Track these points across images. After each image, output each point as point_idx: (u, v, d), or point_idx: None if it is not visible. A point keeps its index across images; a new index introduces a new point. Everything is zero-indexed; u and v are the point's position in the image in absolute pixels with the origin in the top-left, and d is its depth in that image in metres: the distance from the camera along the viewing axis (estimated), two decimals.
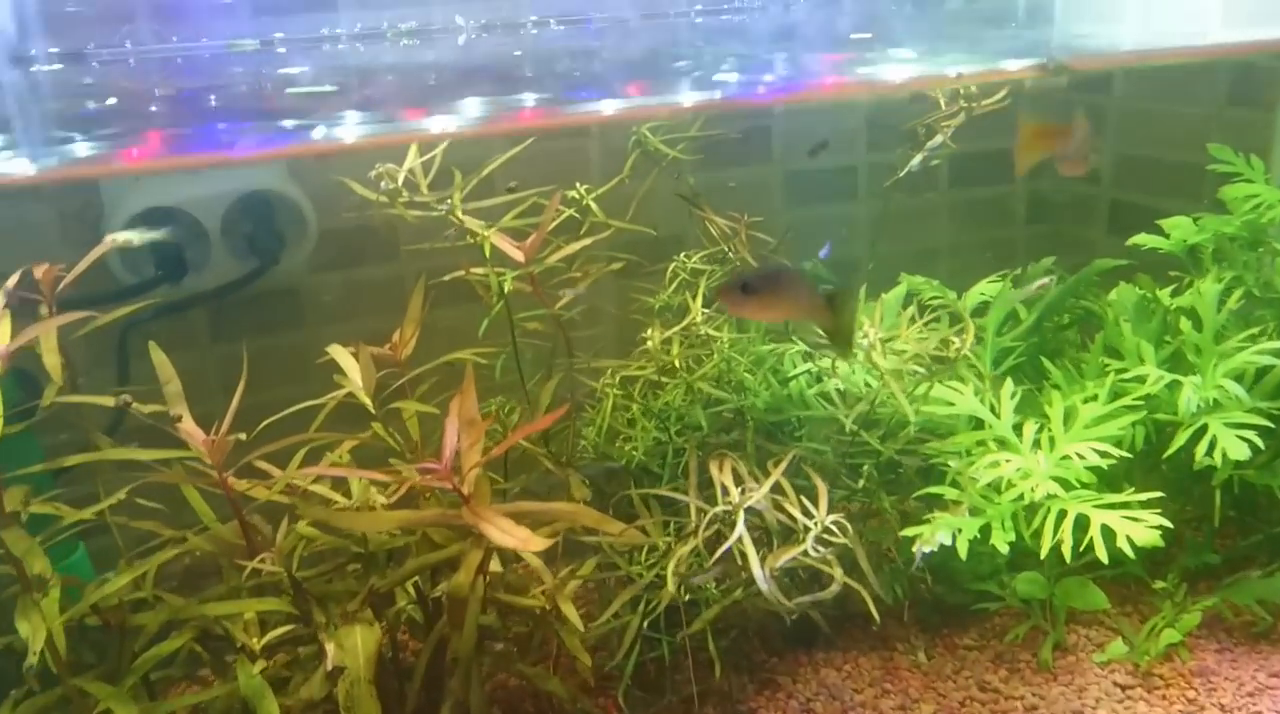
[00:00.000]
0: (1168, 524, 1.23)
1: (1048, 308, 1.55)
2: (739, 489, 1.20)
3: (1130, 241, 1.70)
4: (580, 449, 1.48)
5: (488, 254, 1.40)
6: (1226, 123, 2.03)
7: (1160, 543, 1.21)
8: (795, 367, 1.45)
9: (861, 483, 1.36)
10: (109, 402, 1.24)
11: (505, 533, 1.13)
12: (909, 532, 1.29)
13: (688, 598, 1.30)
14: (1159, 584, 1.52)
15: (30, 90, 1.53)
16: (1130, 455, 1.34)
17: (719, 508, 1.20)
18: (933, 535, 1.28)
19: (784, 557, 1.19)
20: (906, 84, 1.40)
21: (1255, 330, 1.43)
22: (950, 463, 1.36)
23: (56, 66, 1.59)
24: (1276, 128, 1.87)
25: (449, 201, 1.37)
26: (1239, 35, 1.70)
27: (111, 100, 1.48)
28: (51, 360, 1.24)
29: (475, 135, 1.60)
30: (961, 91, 1.52)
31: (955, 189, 2.30)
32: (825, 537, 1.22)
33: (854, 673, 1.47)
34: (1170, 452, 1.38)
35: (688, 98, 1.58)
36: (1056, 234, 2.47)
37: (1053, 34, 1.77)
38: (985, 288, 1.67)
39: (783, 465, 1.24)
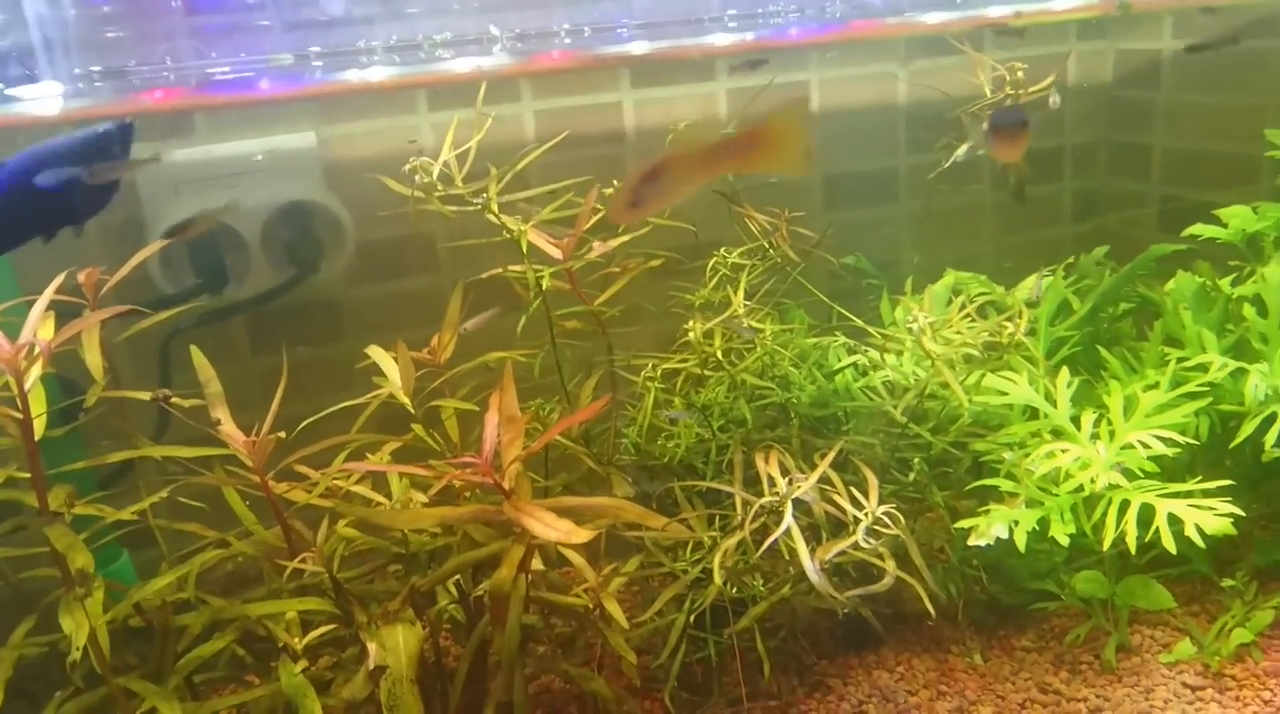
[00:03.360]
0: (1239, 512, 1.17)
1: (1102, 297, 1.50)
2: (785, 480, 1.17)
3: (1186, 232, 1.65)
4: (622, 447, 1.45)
5: (525, 251, 1.39)
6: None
7: (1232, 531, 1.15)
8: (840, 359, 1.42)
9: (912, 476, 1.32)
10: (146, 396, 1.25)
11: (548, 526, 1.11)
12: (964, 524, 1.24)
13: (735, 593, 1.27)
14: (1228, 582, 1.46)
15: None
16: (1195, 444, 1.29)
17: (765, 500, 1.17)
18: (988, 529, 1.24)
19: (834, 548, 1.15)
20: (953, 24, 1.39)
21: None
22: (1004, 455, 1.31)
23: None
24: None
25: (484, 196, 1.36)
26: None
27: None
28: (93, 360, 1.24)
29: (507, 73, 1.63)
30: (1008, 78, 1.48)
31: (999, 189, 2.26)
32: (876, 529, 1.18)
33: (907, 674, 1.42)
34: (1238, 441, 1.32)
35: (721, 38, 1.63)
36: (1105, 231, 2.41)
37: None
38: (1035, 282, 1.63)
39: (830, 456, 1.20)
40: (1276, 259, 1.46)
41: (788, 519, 1.14)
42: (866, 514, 1.16)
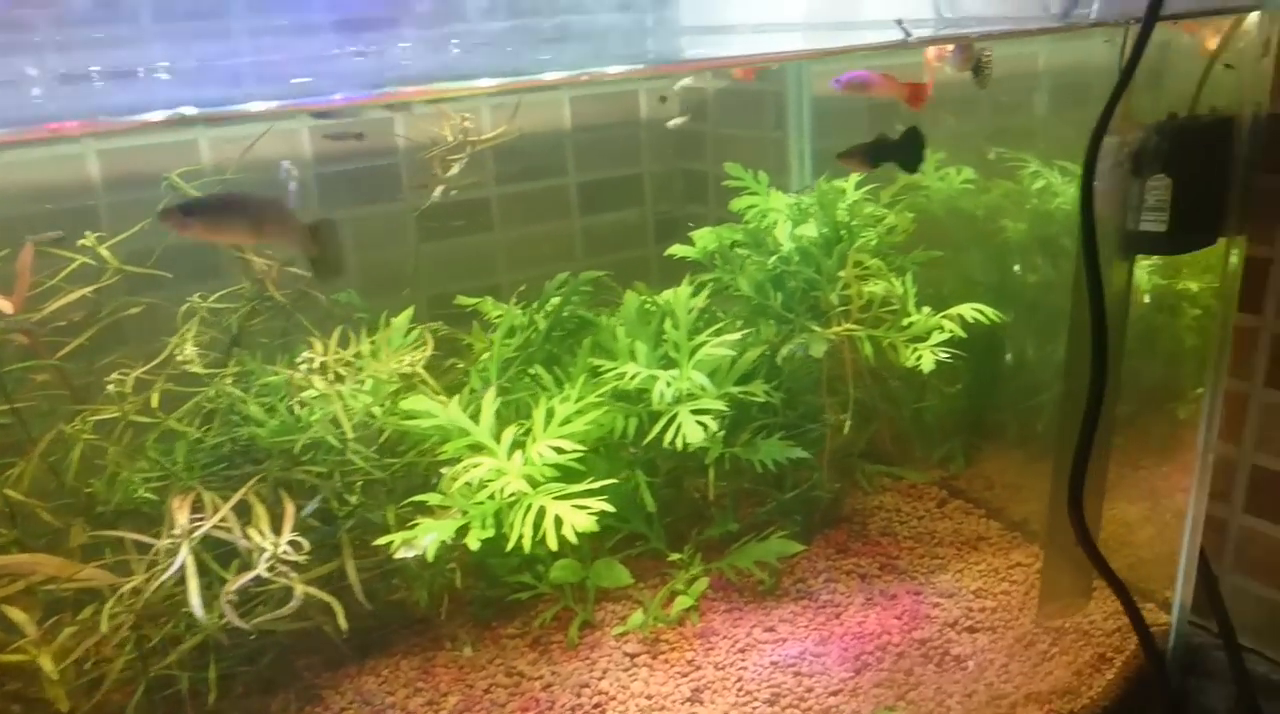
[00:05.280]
0: (609, 508, 1.37)
1: (555, 318, 1.69)
2: (190, 520, 1.25)
3: (667, 252, 1.89)
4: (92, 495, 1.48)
5: None
6: (776, 143, 2.28)
7: (595, 527, 1.34)
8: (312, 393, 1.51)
9: (354, 499, 1.45)
10: None
11: None
12: (383, 541, 1.37)
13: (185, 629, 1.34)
14: (674, 556, 1.69)
15: None
16: (584, 448, 1.47)
17: (165, 541, 1.24)
18: (416, 539, 1.37)
19: (239, 581, 1.25)
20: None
21: (722, 324, 1.62)
22: (442, 471, 1.46)
23: None
24: (789, 147, 2.14)
25: None
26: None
27: None
28: None
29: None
30: (462, 123, 1.64)
31: (587, 216, 2.43)
32: (291, 557, 1.28)
33: (391, 676, 1.55)
34: (649, 439, 1.54)
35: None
36: None
37: None
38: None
39: (242, 492, 1.30)
40: (686, 278, 1.71)
41: (181, 555, 1.23)
42: (272, 544, 1.27)
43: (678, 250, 1.87)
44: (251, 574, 1.25)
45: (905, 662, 1.56)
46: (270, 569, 1.25)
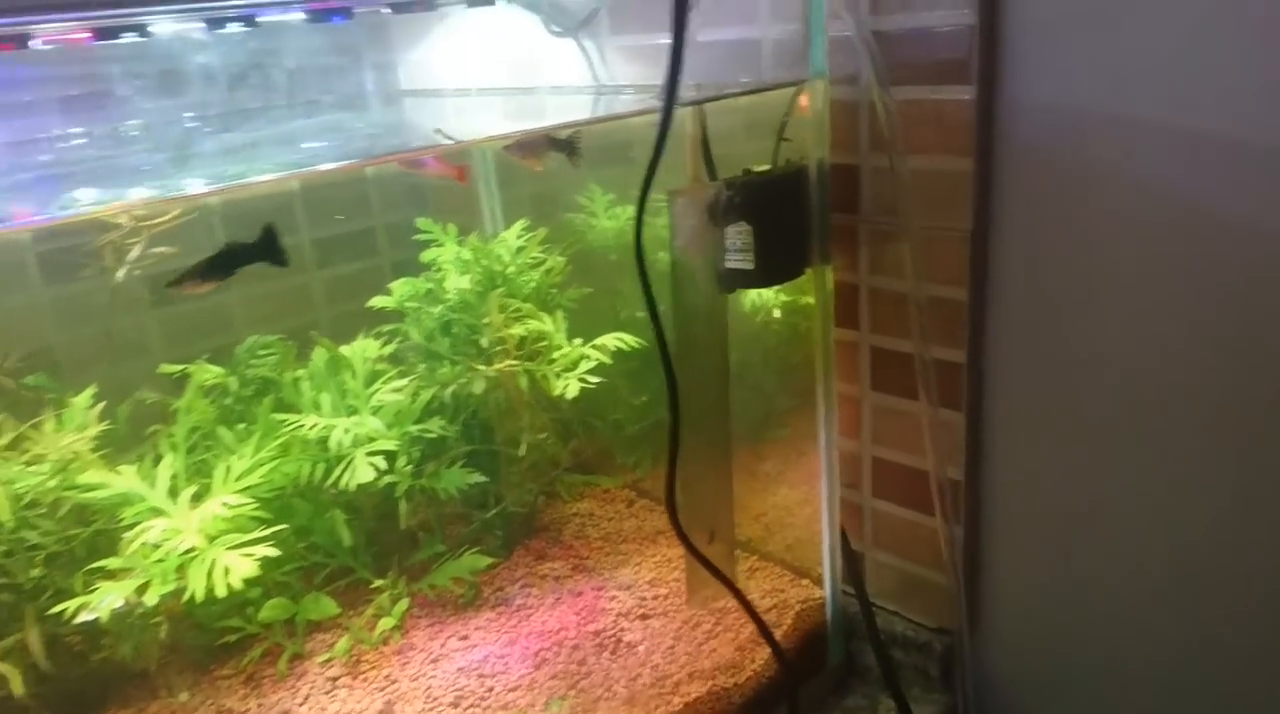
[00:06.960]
0: (275, 553, 1.53)
1: (241, 379, 1.83)
2: None
3: (368, 303, 2.05)
4: None
5: None
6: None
7: (256, 571, 1.50)
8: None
9: (36, 572, 1.56)
10: None
11: None
12: (58, 608, 1.50)
13: None
14: (379, 582, 1.87)
15: None
16: (254, 501, 1.62)
17: None
18: (93, 603, 1.50)
19: None
20: None
21: (394, 372, 1.80)
22: (124, 537, 1.59)
23: None
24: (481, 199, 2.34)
25: None
26: None
27: None
28: None
29: None
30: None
31: (323, 269, 2.55)
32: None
33: None
34: (330, 482, 1.71)
35: None
36: None
37: None
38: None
39: None
40: (364, 333, 1.89)
41: None
42: None
43: (377, 302, 2.04)
44: None
45: (579, 653, 1.78)
46: None
